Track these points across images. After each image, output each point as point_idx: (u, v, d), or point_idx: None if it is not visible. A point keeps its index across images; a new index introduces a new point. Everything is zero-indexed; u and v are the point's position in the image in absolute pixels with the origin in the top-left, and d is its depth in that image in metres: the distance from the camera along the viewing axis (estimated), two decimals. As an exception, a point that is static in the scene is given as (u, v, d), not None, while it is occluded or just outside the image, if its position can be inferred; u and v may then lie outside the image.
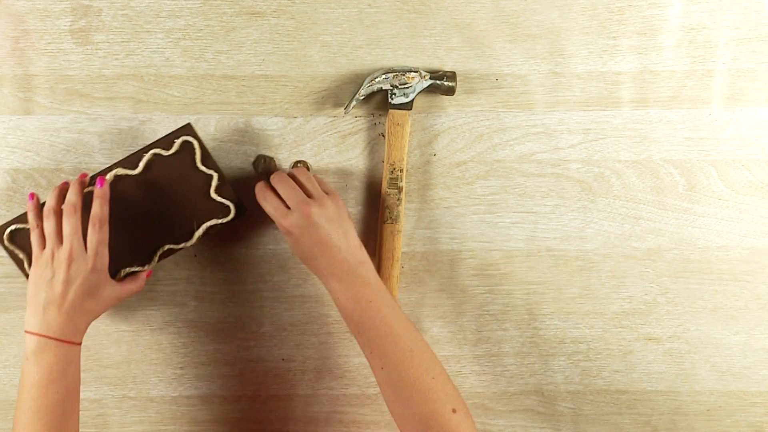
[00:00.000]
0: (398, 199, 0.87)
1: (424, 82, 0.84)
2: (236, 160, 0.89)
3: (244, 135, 0.88)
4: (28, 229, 0.82)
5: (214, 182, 0.86)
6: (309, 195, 0.80)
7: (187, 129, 0.85)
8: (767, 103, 0.87)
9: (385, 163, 0.86)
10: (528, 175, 0.89)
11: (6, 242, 0.85)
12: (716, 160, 0.89)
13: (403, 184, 0.86)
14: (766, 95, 0.87)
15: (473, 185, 0.89)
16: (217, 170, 0.86)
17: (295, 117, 0.87)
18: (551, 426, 0.94)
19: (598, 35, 0.86)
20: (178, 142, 0.85)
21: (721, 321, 0.92)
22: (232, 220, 0.86)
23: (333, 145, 0.89)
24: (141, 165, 0.84)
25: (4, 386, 0.92)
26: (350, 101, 0.84)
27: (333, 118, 0.88)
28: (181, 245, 0.86)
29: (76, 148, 0.88)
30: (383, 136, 0.88)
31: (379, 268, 0.88)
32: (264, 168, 0.87)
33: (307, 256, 0.79)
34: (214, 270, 0.91)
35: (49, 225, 0.79)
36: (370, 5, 0.85)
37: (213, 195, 0.86)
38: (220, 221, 0.86)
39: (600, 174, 0.89)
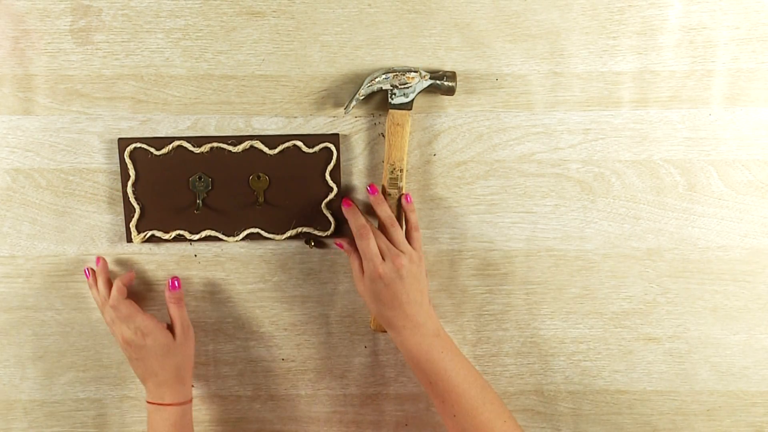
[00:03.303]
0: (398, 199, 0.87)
1: (424, 82, 0.84)
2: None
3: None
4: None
5: (330, 195, 0.87)
6: (397, 246, 0.82)
7: (334, 138, 0.87)
8: (767, 103, 0.87)
9: (385, 163, 0.86)
10: (528, 175, 0.89)
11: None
12: (716, 160, 0.89)
13: (403, 184, 0.86)
14: (766, 95, 0.87)
15: (473, 185, 0.89)
16: (338, 186, 0.87)
17: (295, 117, 0.87)
18: (551, 426, 0.94)
19: (598, 35, 0.86)
20: (321, 145, 0.86)
21: (721, 321, 0.92)
22: (326, 236, 0.88)
23: (333, 145, 0.89)
24: (280, 148, 0.86)
25: (4, 386, 0.92)
26: (350, 101, 0.84)
27: (333, 118, 0.88)
28: (269, 236, 0.88)
29: (76, 148, 0.88)
30: (383, 136, 0.87)
31: (379, 268, 0.88)
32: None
33: (386, 306, 0.82)
34: (214, 270, 0.91)
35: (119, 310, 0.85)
36: (370, 5, 0.85)
37: (323, 207, 0.87)
38: (316, 232, 0.88)
39: (600, 174, 0.89)
